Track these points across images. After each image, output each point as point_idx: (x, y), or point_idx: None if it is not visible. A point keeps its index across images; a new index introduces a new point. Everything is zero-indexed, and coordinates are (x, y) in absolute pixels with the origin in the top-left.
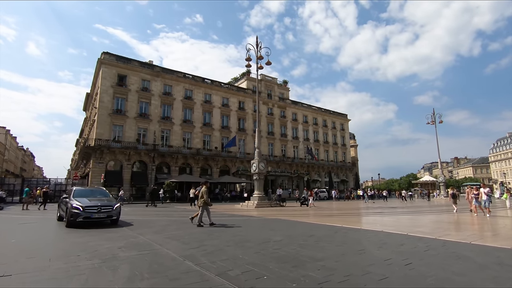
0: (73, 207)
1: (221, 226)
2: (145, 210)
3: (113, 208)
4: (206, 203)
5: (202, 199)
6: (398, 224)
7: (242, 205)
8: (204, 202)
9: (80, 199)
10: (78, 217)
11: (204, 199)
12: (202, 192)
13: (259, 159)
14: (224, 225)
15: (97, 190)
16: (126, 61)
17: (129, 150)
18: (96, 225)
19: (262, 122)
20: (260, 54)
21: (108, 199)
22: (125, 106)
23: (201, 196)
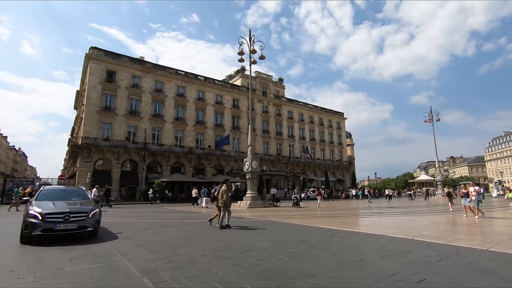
0: (29, 215)
1: (214, 228)
2: (128, 212)
3: (88, 215)
4: (226, 203)
5: (222, 200)
6: (399, 226)
7: (234, 205)
8: (225, 203)
9: (43, 203)
10: (35, 229)
11: (224, 199)
12: (223, 192)
13: (252, 157)
14: (211, 228)
15: (72, 190)
16: (116, 57)
17: (119, 148)
18: (64, 240)
19: (257, 120)
20: (253, 47)
21: (84, 203)
22: (114, 103)
23: (221, 196)
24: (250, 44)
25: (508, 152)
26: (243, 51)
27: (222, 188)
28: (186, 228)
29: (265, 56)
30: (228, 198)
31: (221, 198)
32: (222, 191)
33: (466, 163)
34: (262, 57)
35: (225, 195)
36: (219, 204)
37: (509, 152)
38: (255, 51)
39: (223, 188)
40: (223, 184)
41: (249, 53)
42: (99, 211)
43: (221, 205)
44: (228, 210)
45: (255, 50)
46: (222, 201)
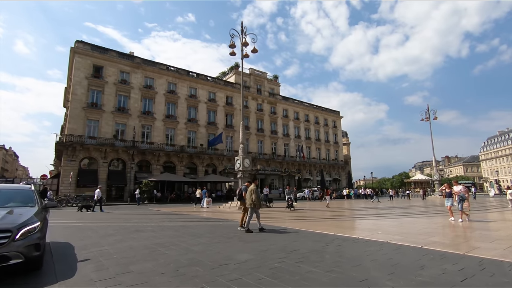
0: None
1: (209, 233)
2: (106, 214)
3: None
4: (256, 204)
5: (251, 200)
6: (403, 230)
7: (224, 206)
8: (253, 204)
9: None
10: None
11: (253, 199)
12: (251, 191)
13: (244, 155)
14: (189, 233)
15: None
16: (103, 51)
17: (106, 147)
18: None
19: (251, 119)
20: (245, 40)
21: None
22: (101, 100)
23: (250, 195)
24: (242, 37)
25: (503, 151)
26: (235, 44)
27: (250, 187)
28: (159, 234)
29: (257, 49)
30: (258, 198)
31: (249, 198)
32: (250, 190)
33: (461, 162)
34: (255, 50)
35: (254, 194)
36: (247, 205)
37: (504, 152)
38: (247, 43)
39: (251, 187)
40: (249, 183)
41: (241, 46)
42: (41, 226)
43: (249, 206)
44: (257, 211)
45: (247, 42)
46: (251, 202)
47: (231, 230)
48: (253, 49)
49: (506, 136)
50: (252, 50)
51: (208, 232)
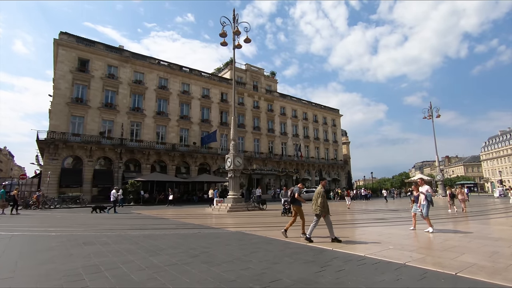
0: None
1: (173, 248)
2: (70, 217)
3: None
4: (323, 211)
5: (317, 205)
6: (420, 243)
7: (213, 208)
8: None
9: None
10: None
11: (319, 204)
12: (317, 194)
13: (235, 153)
14: (147, 247)
15: None
16: (89, 44)
17: (91, 144)
18: None
19: (247, 116)
20: (237, 28)
21: None
22: (87, 95)
23: (315, 199)
24: (234, 26)
25: (505, 151)
26: (226, 33)
27: (318, 189)
28: (108, 249)
29: (250, 39)
30: (326, 203)
31: (314, 203)
32: (317, 193)
33: (462, 162)
34: (248, 40)
35: (320, 199)
36: (314, 211)
37: (505, 152)
38: (239, 32)
39: (318, 189)
40: (303, 185)
41: (233, 36)
42: None
43: (316, 212)
44: (328, 218)
45: (239, 31)
46: (317, 207)
47: (203, 243)
48: (246, 38)
49: (508, 135)
50: (245, 40)
51: (172, 246)
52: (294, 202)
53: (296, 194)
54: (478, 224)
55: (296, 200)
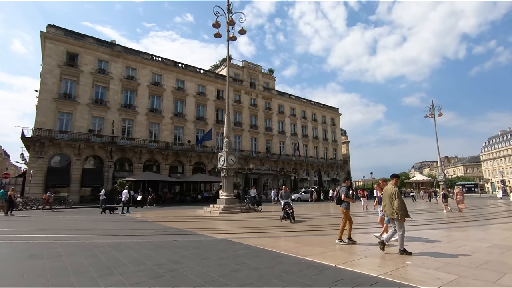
0: None
1: (135, 264)
2: (38, 220)
3: None
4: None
5: (395, 207)
6: (445, 257)
7: (205, 210)
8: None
9: None
10: None
11: (396, 206)
12: (391, 195)
13: (229, 151)
14: (103, 263)
15: None
16: (79, 37)
17: (79, 142)
18: None
19: (244, 114)
20: (231, 18)
21: None
22: (75, 90)
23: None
24: (227, 16)
25: (505, 151)
26: (219, 23)
27: (391, 188)
28: (52, 265)
29: (246, 31)
30: (403, 204)
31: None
32: (391, 193)
33: (462, 163)
34: (243, 31)
35: (397, 199)
36: (387, 215)
37: (506, 152)
38: (234, 22)
39: (391, 188)
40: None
41: (227, 26)
42: None
43: (394, 216)
44: (401, 224)
45: (233, 21)
46: (395, 210)
47: (176, 257)
48: (241, 29)
49: (508, 135)
50: (240, 31)
51: (135, 261)
52: (341, 203)
53: (342, 195)
54: (458, 230)
55: (344, 201)
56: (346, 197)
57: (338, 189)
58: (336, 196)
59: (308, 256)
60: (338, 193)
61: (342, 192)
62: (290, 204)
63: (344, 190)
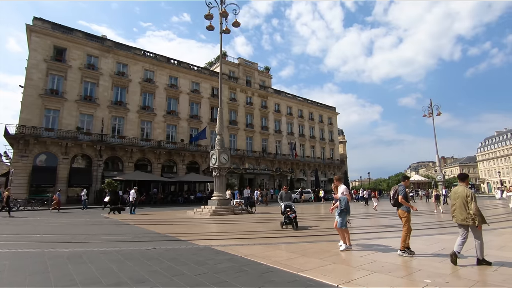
0: None
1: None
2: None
3: None
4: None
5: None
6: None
7: (195, 212)
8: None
9: None
10: None
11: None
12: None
13: (221, 149)
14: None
15: None
16: (67, 31)
17: (67, 140)
18: None
19: (240, 113)
20: (224, 9)
21: None
22: (63, 86)
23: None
24: (220, 7)
25: (501, 152)
26: (212, 15)
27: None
28: None
29: (240, 23)
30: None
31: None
32: (466, 195)
33: (458, 163)
34: (237, 23)
35: (472, 203)
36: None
37: (502, 152)
38: (227, 13)
39: (465, 190)
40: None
41: (220, 17)
42: None
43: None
44: (479, 232)
45: (226, 12)
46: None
47: (143, 271)
48: (235, 22)
49: (504, 136)
50: (233, 24)
51: (87, 280)
52: (399, 205)
53: (400, 196)
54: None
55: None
56: (404, 199)
57: (395, 189)
58: (393, 197)
59: (303, 271)
60: (396, 193)
61: (401, 192)
62: (292, 207)
63: (403, 191)
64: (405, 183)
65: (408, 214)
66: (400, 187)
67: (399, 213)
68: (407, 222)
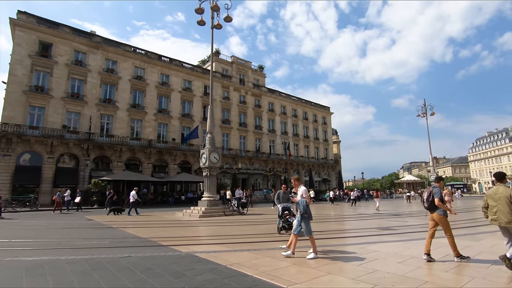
0: None
1: None
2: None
3: None
4: None
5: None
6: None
7: (184, 213)
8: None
9: None
10: None
11: None
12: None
13: (212, 147)
14: None
15: None
16: (53, 26)
17: (52, 139)
18: None
19: (233, 112)
20: (215, 3)
21: None
22: (49, 83)
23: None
24: (211, 1)
25: (492, 152)
26: (203, 9)
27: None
28: None
29: (231, 18)
30: None
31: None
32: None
33: (450, 163)
34: (229, 18)
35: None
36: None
37: (493, 153)
38: (218, 7)
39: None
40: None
41: (211, 12)
42: None
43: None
44: None
45: (217, 6)
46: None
47: (113, 285)
48: (226, 16)
49: (495, 137)
50: (225, 18)
51: None
52: (435, 209)
53: (437, 199)
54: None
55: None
56: (441, 202)
57: (430, 191)
58: (428, 199)
59: (295, 285)
60: (431, 195)
61: (436, 195)
62: (291, 209)
63: (438, 193)
64: (439, 184)
65: (446, 218)
66: (435, 189)
67: (434, 217)
68: (449, 229)
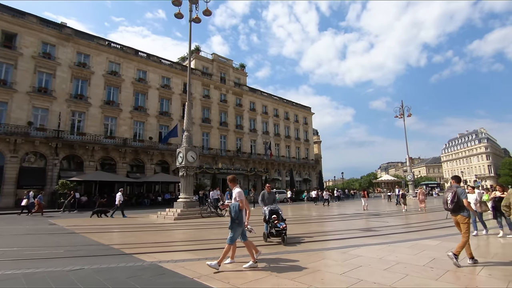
0: None
1: None
2: None
3: None
4: None
5: None
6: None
7: (158, 216)
8: None
9: None
10: None
11: None
12: None
13: (189, 146)
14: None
15: None
16: (18, 15)
17: (16, 136)
18: None
19: (213, 110)
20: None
21: None
22: (12, 76)
23: None
24: None
25: (463, 153)
26: (180, 1)
27: None
28: None
29: (211, 12)
30: None
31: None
32: None
33: (424, 164)
34: (208, 12)
35: None
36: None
37: (463, 153)
38: (197, 0)
39: None
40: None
41: (190, 5)
42: None
43: None
44: None
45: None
46: None
47: None
48: (205, 10)
49: (466, 138)
50: (204, 12)
51: None
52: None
53: (465, 200)
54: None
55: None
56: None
57: (453, 191)
58: (453, 201)
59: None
60: (456, 196)
61: (462, 195)
62: (279, 212)
63: (464, 193)
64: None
65: (469, 220)
66: (459, 189)
67: (459, 219)
68: (468, 231)
